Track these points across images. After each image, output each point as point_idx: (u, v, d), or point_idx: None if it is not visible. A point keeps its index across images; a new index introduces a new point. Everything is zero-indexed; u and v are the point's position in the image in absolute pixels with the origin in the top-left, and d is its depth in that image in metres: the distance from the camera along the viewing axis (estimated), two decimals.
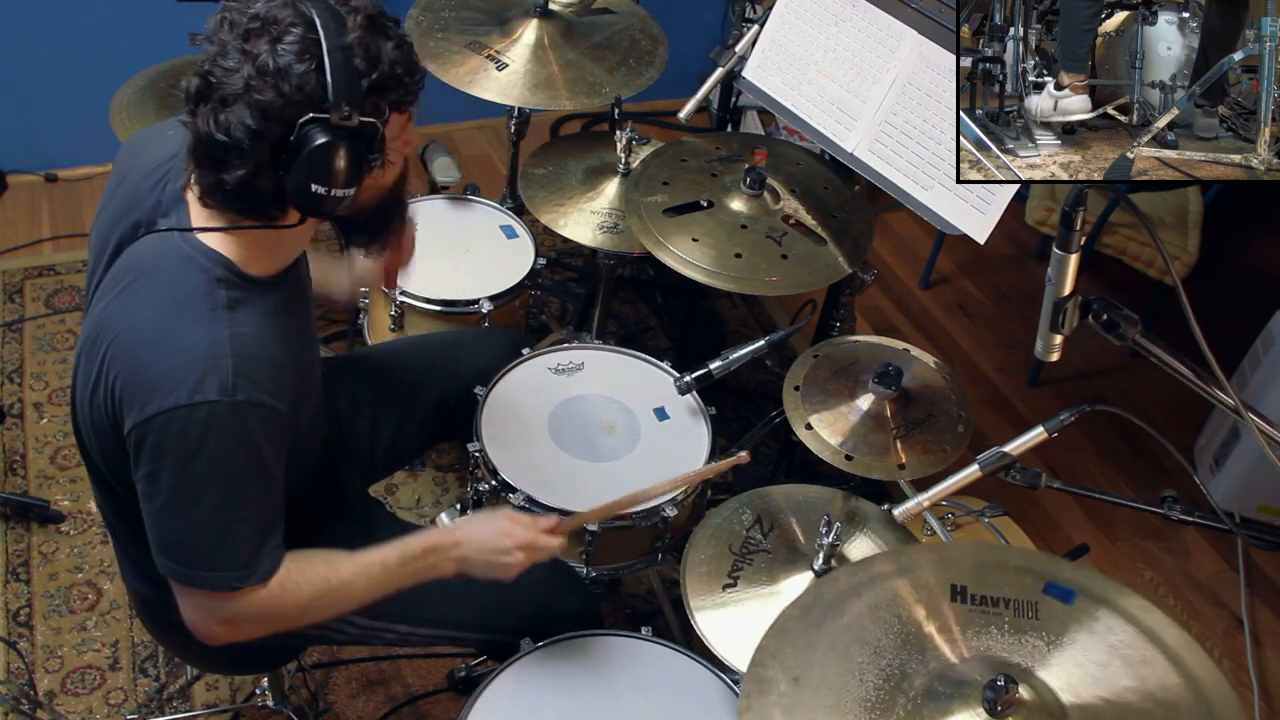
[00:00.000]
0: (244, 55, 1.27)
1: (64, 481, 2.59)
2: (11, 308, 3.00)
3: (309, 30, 1.28)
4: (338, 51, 1.27)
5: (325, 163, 1.29)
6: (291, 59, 1.26)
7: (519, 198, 2.50)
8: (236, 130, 1.27)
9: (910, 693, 1.22)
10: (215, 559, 1.37)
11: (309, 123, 1.28)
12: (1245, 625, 2.63)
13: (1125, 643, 1.26)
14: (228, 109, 1.28)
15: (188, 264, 1.36)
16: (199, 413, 1.30)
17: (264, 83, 1.26)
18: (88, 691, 2.23)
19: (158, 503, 1.36)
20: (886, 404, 1.92)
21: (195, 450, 1.31)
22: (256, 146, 1.28)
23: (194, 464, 1.32)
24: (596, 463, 1.94)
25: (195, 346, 1.32)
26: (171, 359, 1.31)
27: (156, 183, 1.44)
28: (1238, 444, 2.74)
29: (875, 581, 1.35)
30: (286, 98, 1.27)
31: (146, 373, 1.32)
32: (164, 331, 1.33)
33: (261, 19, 1.28)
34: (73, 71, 3.16)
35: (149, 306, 1.36)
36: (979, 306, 3.43)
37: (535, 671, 1.65)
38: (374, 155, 1.35)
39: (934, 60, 2.00)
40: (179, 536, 1.37)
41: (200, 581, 1.39)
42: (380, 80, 1.31)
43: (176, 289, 1.35)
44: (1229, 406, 1.29)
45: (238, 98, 1.27)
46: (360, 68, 1.29)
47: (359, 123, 1.30)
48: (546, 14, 2.53)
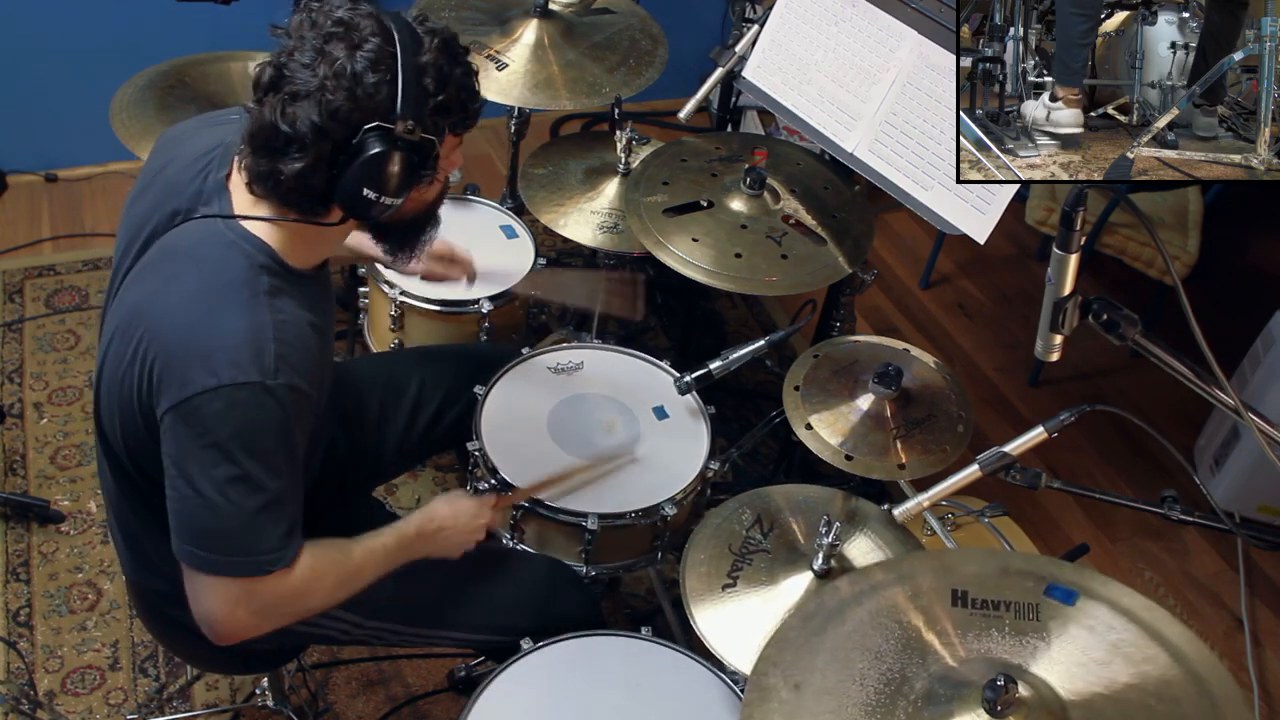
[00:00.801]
0: (321, 55, 1.32)
1: (64, 481, 2.59)
2: (11, 308, 3.00)
3: (387, 43, 1.33)
4: (411, 68, 1.33)
5: (381, 170, 1.34)
6: (366, 67, 1.31)
7: (519, 198, 2.50)
8: (302, 124, 1.31)
9: (911, 696, 1.22)
10: (249, 543, 1.37)
11: (374, 129, 1.32)
12: (1245, 625, 2.63)
13: (1127, 641, 1.26)
14: (297, 103, 1.32)
15: (231, 249, 1.39)
16: (241, 393, 1.32)
17: (338, 84, 1.31)
18: (88, 691, 2.23)
19: (189, 487, 1.35)
20: (886, 404, 1.92)
21: (234, 431, 1.33)
22: (319, 143, 1.32)
23: (231, 445, 1.33)
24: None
25: (239, 330, 1.34)
26: (214, 340, 1.33)
27: (198, 173, 1.45)
28: (1238, 444, 2.74)
29: (876, 589, 1.35)
30: (357, 102, 1.31)
31: (187, 354, 1.33)
32: (207, 314, 1.35)
33: (345, 24, 1.33)
34: (73, 71, 3.16)
35: (191, 290, 1.38)
36: (979, 306, 3.43)
37: (535, 671, 1.65)
38: (427, 171, 1.40)
39: (934, 60, 2.00)
40: (209, 522, 1.36)
41: (231, 568, 1.38)
42: (446, 102, 1.38)
43: (220, 273, 1.38)
44: (1229, 406, 1.29)
45: (309, 94, 1.31)
46: (430, 87, 1.36)
47: (420, 138, 1.35)
48: (546, 14, 2.53)
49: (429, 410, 1.99)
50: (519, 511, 1.87)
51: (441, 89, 1.37)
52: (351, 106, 1.31)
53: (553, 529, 1.88)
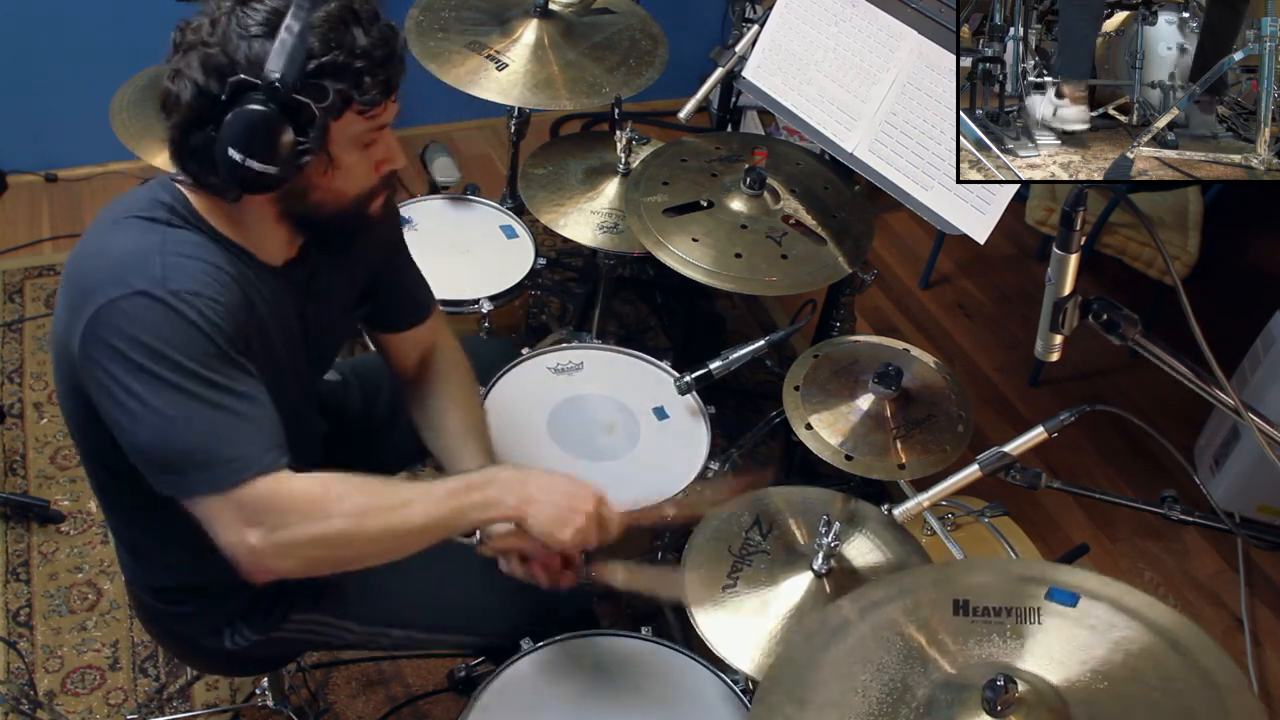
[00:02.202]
0: (213, 9, 1.30)
1: (64, 481, 2.59)
2: (11, 308, 3.00)
3: (283, 3, 1.29)
4: (296, 26, 1.28)
5: (245, 128, 1.28)
6: (252, 24, 1.29)
7: (519, 198, 2.50)
8: (184, 81, 1.30)
9: (913, 704, 1.22)
10: (206, 454, 1.29)
11: (240, 83, 1.28)
12: (1245, 625, 2.63)
13: (1129, 638, 1.26)
14: (184, 58, 1.31)
15: (143, 190, 1.40)
16: (134, 303, 1.28)
17: (215, 38, 1.29)
18: (88, 691, 2.23)
19: (123, 414, 1.29)
20: (886, 404, 1.92)
21: (136, 338, 1.27)
22: (195, 100, 1.30)
23: (141, 354, 1.27)
24: (596, 462, 1.94)
25: (125, 247, 1.33)
26: (103, 259, 1.32)
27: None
28: (1238, 444, 2.74)
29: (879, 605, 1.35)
30: (230, 56, 1.29)
31: (85, 278, 1.32)
32: (100, 240, 1.36)
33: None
34: (73, 71, 3.16)
35: (96, 225, 1.38)
36: (979, 306, 3.42)
37: (535, 671, 1.65)
38: (304, 141, 1.31)
39: (934, 60, 2.00)
40: (159, 443, 1.30)
41: (199, 485, 1.30)
42: (332, 65, 1.29)
43: (119, 207, 1.38)
44: (1229, 406, 1.29)
45: (193, 48, 1.30)
46: (314, 48, 1.29)
47: (291, 98, 1.28)
48: (546, 14, 2.53)
49: None
50: None
51: (327, 50, 1.29)
52: (225, 61, 1.28)
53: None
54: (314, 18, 1.29)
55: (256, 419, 1.33)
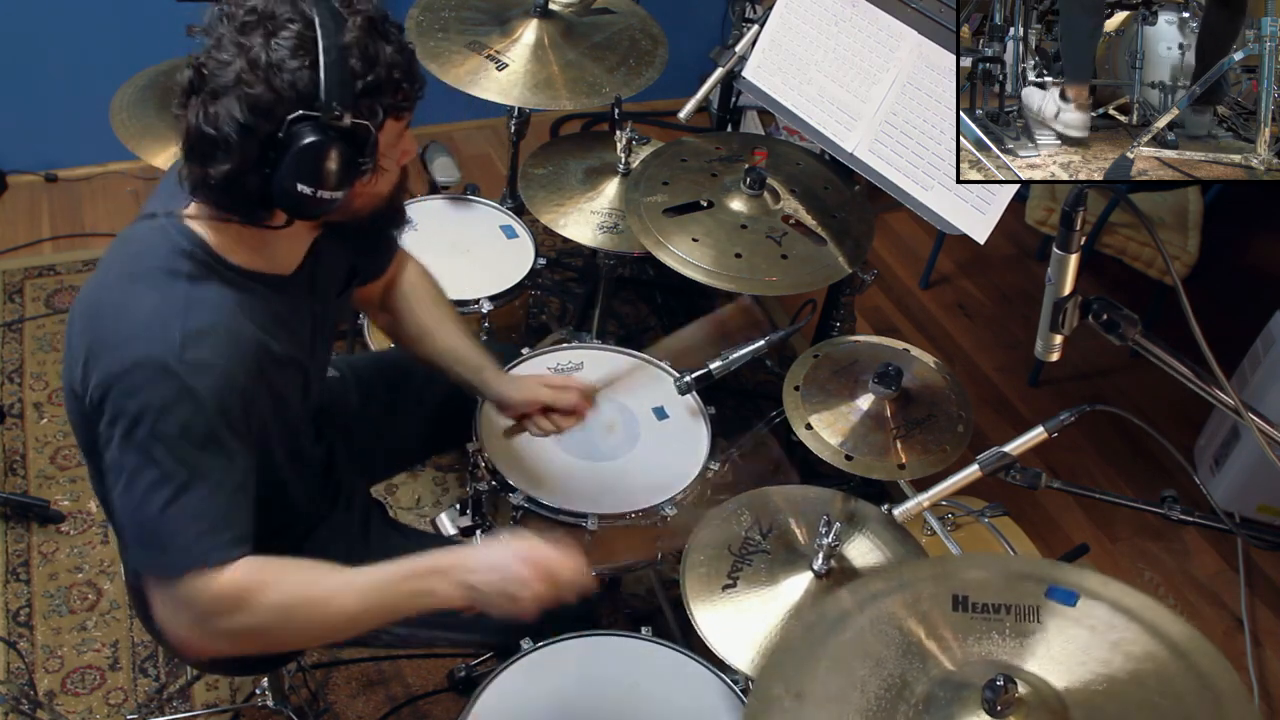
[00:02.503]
0: (239, 48, 1.26)
1: (64, 481, 2.59)
2: (11, 308, 3.00)
3: (307, 28, 1.26)
4: (334, 50, 1.26)
5: (313, 162, 1.27)
6: (286, 54, 1.25)
7: (519, 198, 2.50)
8: (225, 124, 1.26)
9: (911, 700, 1.22)
10: (164, 538, 1.30)
11: (298, 120, 1.26)
12: (1245, 625, 2.63)
13: (1129, 639, 1.26)
14: (218, 102, 1.26)
15: (158, 236, 1.37)
16: (148, 375, 1.28)
17: (255, 76, 1.25)
18: (88, 691, 2.23)
19: (113, 477, 1.32)
20: (886, 404, 1.92)
21: (139, 412, 1.28)
22: (244, 141, 1.27)
23: (137, 430, 1.28)
24: (596, 462, 1.94)
25: (146, 309, 1.31)
26: (122, 321, 1.31)
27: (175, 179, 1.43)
28: (1238, 444, 2.74)
29: (877, 598, 1.35)
30: (278, 93, 1.25)
31: (102, 336, 1.32)
32: (121, 297, 1.34)
33: (259, 13, 1.27)
34: (73, 71, 3.16)
35: (112, 274, 1.37)
36: (979, 306, 3.42)
37: (535, 671, 1.65)
38: (365, 159, 1.32)
39: (934, 60, 2.00)
40: (130, 515, 1.32)
41: (152, 565, 1.32)
42: (376, 83, 1.30)
43: (140, 259, 1.36)
44: (1229, 406, 1.29)
45: (228, 90, 1.26)
46: (356, 68, 1.28)
47: (351, 124, 1.28)
48: (546, 14, 2.53)
49: (429, 410, 1.99)
50: (520, 512, 1.87)
51: (370, 69, 1.29)
52: (274, 98, 1.25)
53: (552, 529, 1.88)
54: (346, 40, 1.27)
55: (226, 509, 1.34)
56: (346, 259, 1.65)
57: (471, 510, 2.00)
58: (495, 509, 1.96)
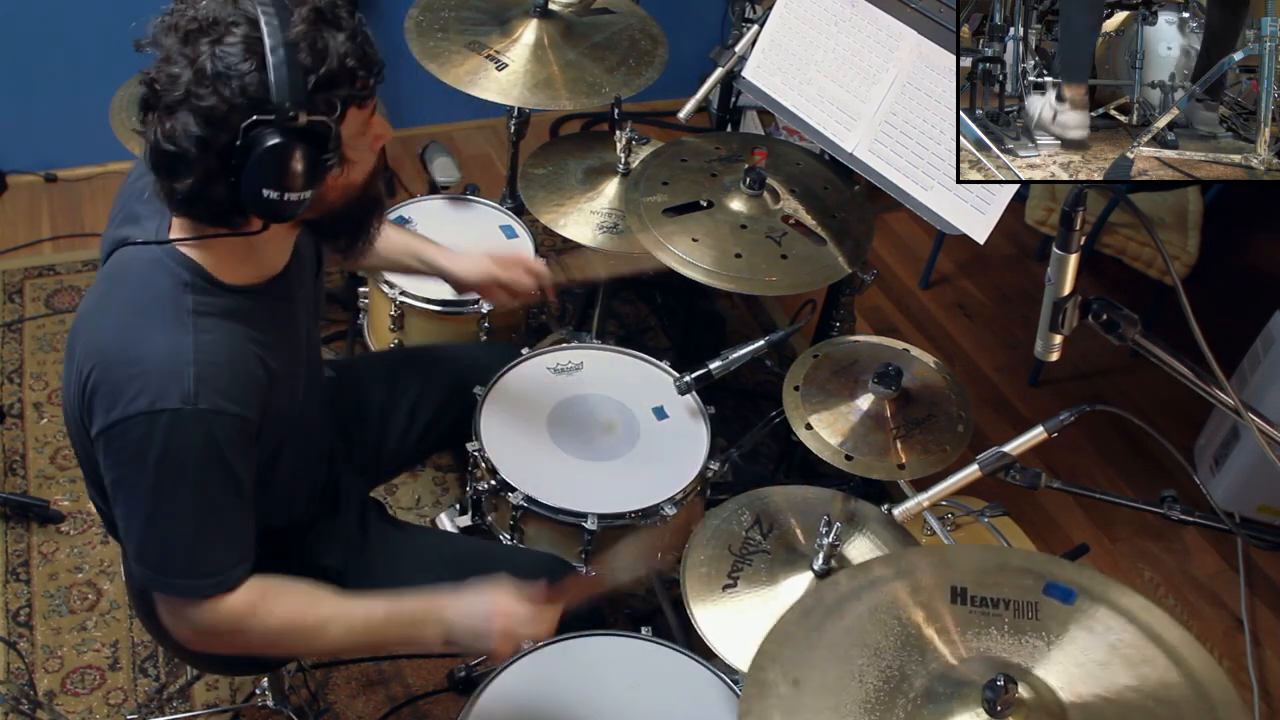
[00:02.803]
0: (186, 59, 1.23)
1: (64, 481, 2.59)
2: (11, 308, 3.00)
3: (252, 29, 1.23)
4: (281, 49, 1.22)
5: (275, 166, 1.25)
6: (234, 60, 1.22)
7: (519, 198, 2.50)
8: (183, 139, 1.24)
9: (910, 694, 1.22)
10: (187, 566, 1.37)
11: (254, 125, 1.23)
12: (1245, 625, 2.63)
13: (1126, 642, 1.26)
14: (173, 116, 1.24)
15: (155, 268, 1.35)
16: (160, 420, 1.29)
17: (205, 88, 1.22)
18: (88, 691, 2.23)
19: (126, 508, 1.36)
20: (886, 404, 1.92)
21: (158, 457, 1.30)
22: (204, 154, 1.25)
23: (157, 471, 1.31)
24: (595, 462, 1.94)
25: (157, 353, 1.31)
26: (134, 365, 1.30)
27: (138, 192, 1.43)
28: (1238, 444, 2.74)
29: (875, 585, 1.35)
30: (229, 101, 1.22)
31: (111, 377, 1.31)
32: (129, 337, 1.32)
33: (200, 21, 1.24)
34: (73, 71, 3.16)
35: (117, 311, 1.35)
36: (979, 306, 3.42)
37: (535, 671, 1.65)
38: (329, 155, 1.30)
39: (934, 60, 2.00)
40: (148, 543, 1.37)
41: (171, 589, 1.40)
42: (329, 75, 1.26)
43: (143, 294, 1.35)
44: (1229, 406, 1.29)
45: (180, 104, 1.23)
46: (306, 64, 1.24)
47: (308, 122, 1.25)
48: (546, 14, 2.53)
49: (428, 410, 1.99)
50: (520, 512, 1.87)
51: (321, 62, 1.25)
52: (226, 107, 1.22)
53: (552, 529, 1.88)
54: (293, 33, 1.24)
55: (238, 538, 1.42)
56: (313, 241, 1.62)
57: (471, 510, 2.00)
58: (495, 509, 1.96)
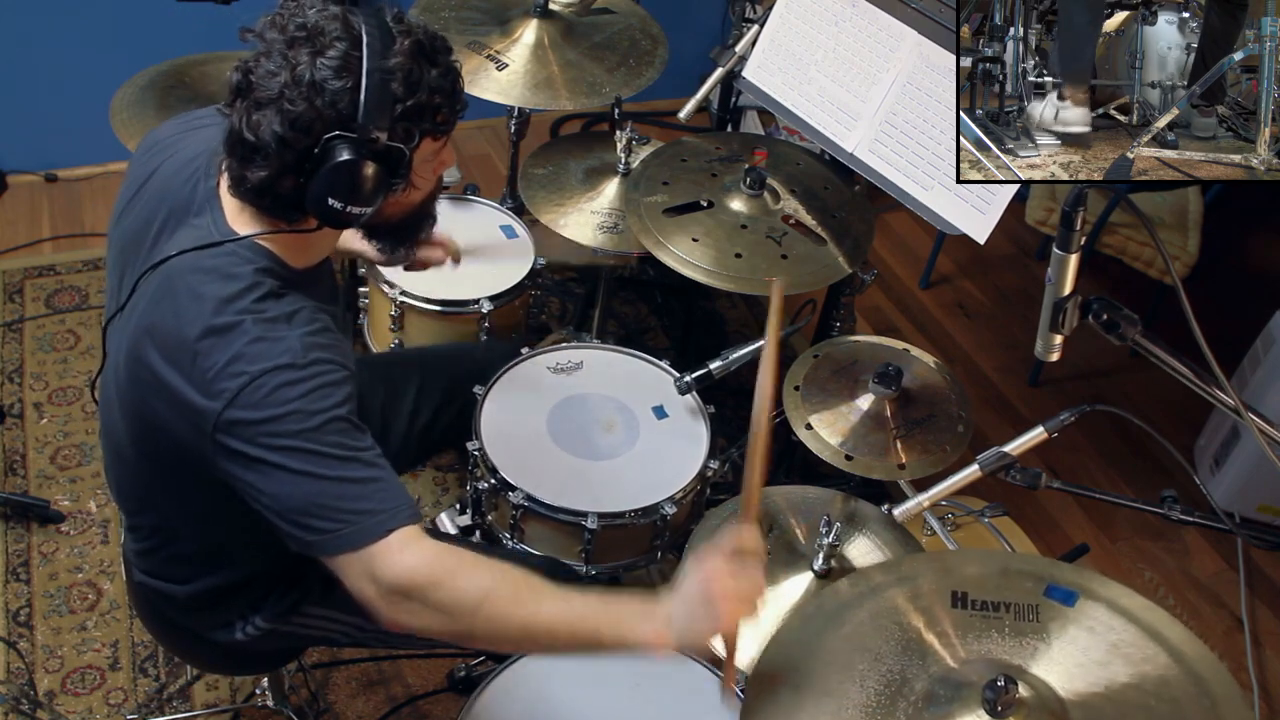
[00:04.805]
0: (285, 61, 1.29)
1: (64, 481, 2.59)
2: (11, 308, 3.00)
3: (353, 47, 1.29)
4: (377, 73, 1.29)
5: (346, 179, 1.31)
6: (329, 74, 1.28)
7: (519, 198, 2.50)
8: (265, 133, 1.29)
9: (911, 697, 1.22)
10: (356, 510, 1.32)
11: (335, 138, 1.29)
12: (1245, 625, 2.63)
13: (1127, 641, 1.26)
14: (260, 110, 1.29)
15: (234, 260, 1.38)
16: (278, 376, 1.30)
17: (298, 93, 1.28)
18: (88, 691, 2.23)
19: (270, 479, 1.32)
20: (886, 404, 1.92)
21: (287, 412, 1.30)
22: (282, 152, 1.30)
23: (289, 424, 1.30)
24: (595, 461, 1.94)
25: (253, 326, 1.33)
26: (236, 341, 1.31)
27: (186, 180, 1.44)
28: (1238, 444, 2.74)
29: (876, 591, 1.35)
30: (318, 111, 1.29)
31: (217, 359, 1.31)
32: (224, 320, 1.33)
33: (308, 28, 1.30)
34: (73, 71, 3.16)
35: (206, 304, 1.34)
36: (979, 306, 3.43)
37: (535, 671, 1.65)
38: (397, 179, 1.37)
39: (934, 60, 2.00)
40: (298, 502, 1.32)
41: (349, 540, 1.32)
42: (416, 107, 1.33)
43: (227, 285, 1.36)
44: (1229, 406, 1.29)
45: (271, 102, 1.29)
46: (398, 93, 1.31)
47: (386, 146, 1.32)
48: (546, 14, 2.53)
49: (429, 410, 1.99)
50: (519, 511, 1.87)
51: (411, 93, 1.32)
52: (313, 115, 1.28)
53: (552, 528, 1.88)
54: (391, 63, 1.30)
55: (382, 482, 1.36)
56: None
57: (471, 510, 2.01)
58: (495, 508, 1.96)
